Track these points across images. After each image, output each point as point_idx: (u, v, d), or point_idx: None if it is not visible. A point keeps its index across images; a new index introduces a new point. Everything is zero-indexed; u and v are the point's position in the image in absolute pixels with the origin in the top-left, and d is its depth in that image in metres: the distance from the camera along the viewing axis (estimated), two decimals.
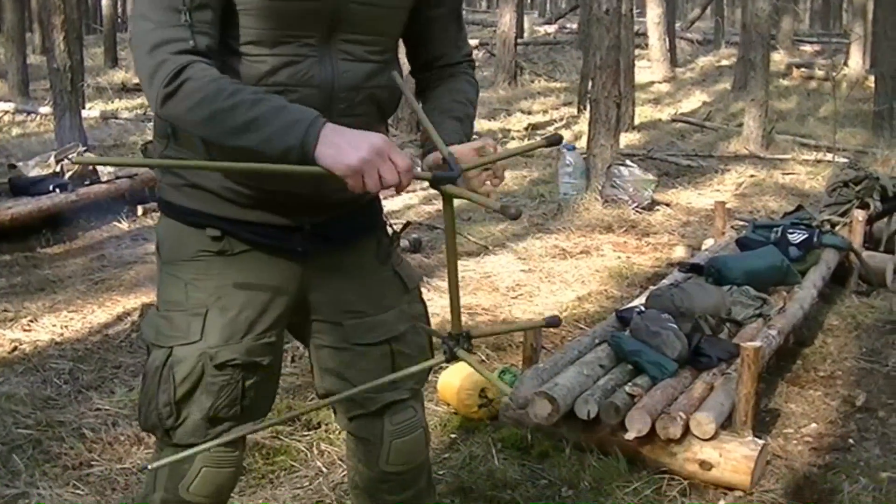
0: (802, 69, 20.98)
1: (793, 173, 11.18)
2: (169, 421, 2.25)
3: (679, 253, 7.33)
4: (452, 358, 2.07)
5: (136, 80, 19.87)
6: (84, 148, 9.03)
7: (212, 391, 2.23)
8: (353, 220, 2.35)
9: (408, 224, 2.26)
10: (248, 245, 2.24)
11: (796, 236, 6.07)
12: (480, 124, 14.76)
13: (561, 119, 15.56)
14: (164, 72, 1.96)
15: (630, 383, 4.07)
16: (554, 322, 2.14)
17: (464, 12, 2.54)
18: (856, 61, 19.59)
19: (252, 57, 2.09)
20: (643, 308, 4.83)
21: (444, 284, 6.28)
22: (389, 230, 2.50)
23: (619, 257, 7.37)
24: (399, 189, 1.97)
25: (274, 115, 1.94)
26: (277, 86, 2.08)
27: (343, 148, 1.91)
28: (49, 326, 5.62)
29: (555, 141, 2.10)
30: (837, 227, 6.81)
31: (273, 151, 1.94)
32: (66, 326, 5.64)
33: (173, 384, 2.22)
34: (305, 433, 4.19)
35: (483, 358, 5.09)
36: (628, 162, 9.58)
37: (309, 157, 1.92)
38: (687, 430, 3.79)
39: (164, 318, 2.26)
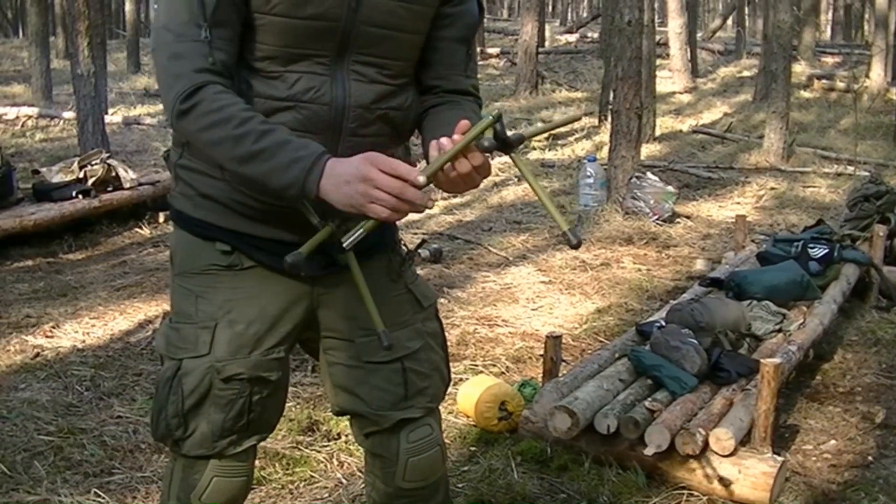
0: (824, 81, 20.89)
1: (813, 186, 11.16)
2: (178, 432, 2.28)
3: (699, 266, 7.33)
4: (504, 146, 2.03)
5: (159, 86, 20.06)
6: (107, 154, 9.04)
7: (219, 404, 2.26)
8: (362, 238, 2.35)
9: (423, 242, 2.26)
10: (255, 262, 2.27)
11: (817, 251, 6.06)
12: None
13: (582, 129, 15.54)
14: (180, 87, 2.02)
15: (649, 398, 4.08)
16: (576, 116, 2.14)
17: (485, 20, 2.48)
18: (877, 73, 19.47)
19: (266, 72, 2.12)
20: (663, 322, 4.84)
21: (465, 296, 6.35)
22: (404, 248, 2.50)
23: (640, 270, 7.38)
24: (417, 208, 1.96)
25: (278, 149, 1.98)
26: (290, 101, 2.11)
27: (338, 185, 1.96)
28: (71, 333, 5.66)
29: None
30: (858, 242, 6.80)
31: (275, 185, 2.00)
32: (87, 333, 5.67)
33: (182, 396, 2.25)
34: (325, 444, 4.21)
35: (503, 370, 5.11)
36: (649, 174, 9.59)
37: (309, 194, 1.98)
38: (706, 446, 3.79)
39: (175, 330, 2.29)
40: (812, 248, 6.10)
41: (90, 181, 8.35)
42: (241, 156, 2.00)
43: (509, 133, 2.00)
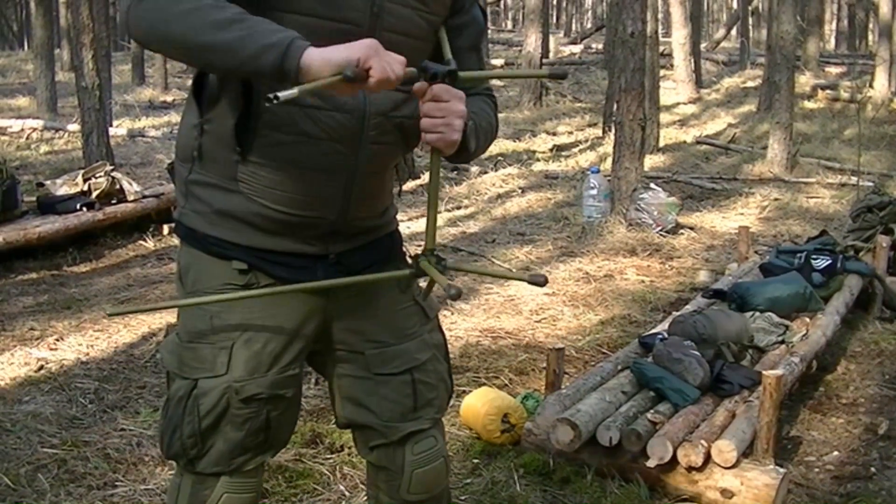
0: (827, 91, 20.88)
1: (817, 197, 11.17)
2: (193, 451, 2.27)
3: (702, 277, 7.33)
4: (419, 272, 2.18)
5: (164, 98, 19.98)
6: (111, 166, 9.06)
7: (237, 423, 2.25)
8: (374, 250, 2.39)
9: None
10: (273, 279, 2.26)
11: (820, 262, 6.06)
12: (505, 145, 14.79)
13: (586, 140, 15.56)
14: None
15: (652, 410, 4.08)
16: (539, 281, 2.23)
17: (489, 32, 2.52)
18: (881, 83, 19.45)
19: None
20: (666, 334, 4.84)
21: (468, 307, 6.35)
22: (409, 260, 2.52)
23: (643, 281, 7.38)
24: (392, 83, 1.96)
25: (263, 22, 1.92)
26: (310, 107, 2.10)
27: (335, 49, 1.91)
28: (75, 345, 5.67)
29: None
30: (861, 253, 6.80)
31: (249, 48, 1.89)
32: (91, 346, 5.68)
33: (198, 416, 2.24)
34: (328, 456, 4.21)
35: (506, 382, 5.11)
36: (652, 185, 9.58)
37: (291, 61, 1.88)
38: (708, 458, 3.79)
39: (189, 350, 2.26)
40: (815, 259, 6.10)
41: (94, 194, 8.36)
42: (218, 21, 1.91)
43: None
